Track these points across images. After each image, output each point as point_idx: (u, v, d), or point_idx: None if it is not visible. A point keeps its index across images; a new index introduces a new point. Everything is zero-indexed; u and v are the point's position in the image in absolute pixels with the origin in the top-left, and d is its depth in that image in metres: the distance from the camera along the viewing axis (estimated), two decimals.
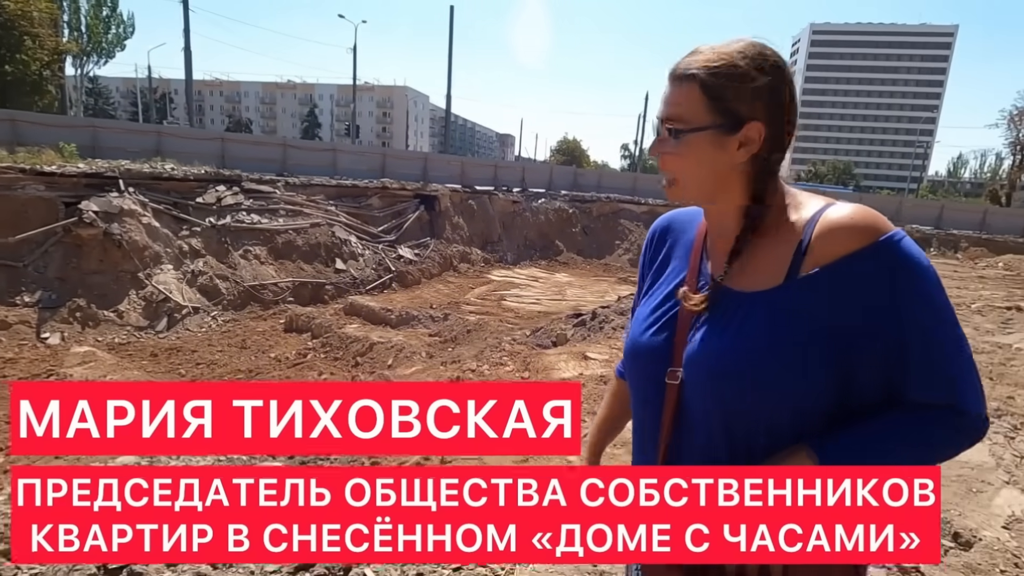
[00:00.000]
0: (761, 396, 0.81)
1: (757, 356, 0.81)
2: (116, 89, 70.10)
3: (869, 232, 0.77)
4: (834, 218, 0.80)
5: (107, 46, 37.95)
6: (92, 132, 13.96)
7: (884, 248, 0.77)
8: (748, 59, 0.82)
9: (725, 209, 0.89)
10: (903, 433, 0.79)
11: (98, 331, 10.10)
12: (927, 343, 0.77)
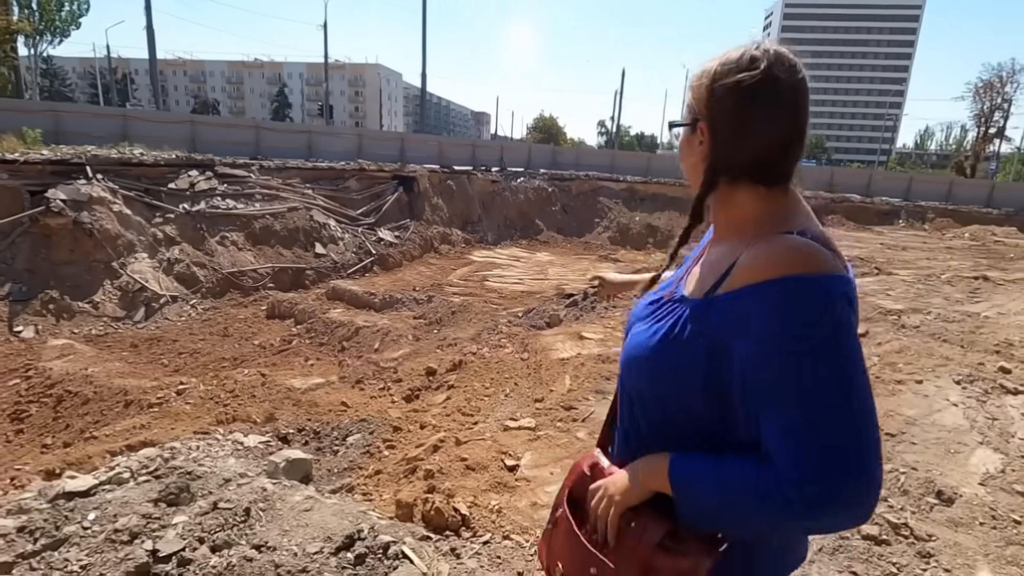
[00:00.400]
0: (640, 382, 0.91)
1: (645, 348, 0.89)
2: (72, 70, 67.01)
3: (776, 267, 0.76)
4: (765, 246, 0.80)
5: (61, 24, 36.12)
6: (54, 116, 13.39)
7: (777, 286, 0.75)
8: (728, 63, 0.84)
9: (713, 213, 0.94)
10: (740, 477, 0.77)
11: (73, 323, 9.87)
12: (775, 397, 0.74)
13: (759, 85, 0.81)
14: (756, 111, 0.82)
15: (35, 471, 4.86)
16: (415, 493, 2.09)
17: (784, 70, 0.82)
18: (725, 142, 0.85)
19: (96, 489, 1.72)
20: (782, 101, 0.82)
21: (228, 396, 6.46)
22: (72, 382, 6.84)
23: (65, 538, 1.49)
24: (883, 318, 5.29)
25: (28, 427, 6.34)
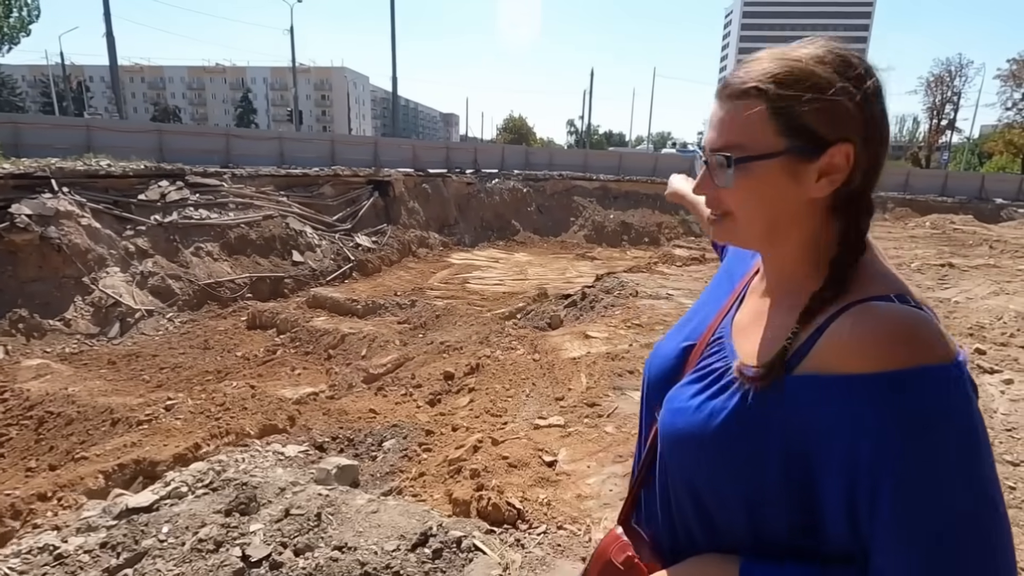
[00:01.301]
0: (696, 469, 0.72)
1: (711, 432, 0.70)
2: (22, 78, 64.49)
3: (895, 356, 0.58)
4: (863, 319, 0.62)
5: (9, 31, 34.73)
6: (12, 128, 12.91)
7: (902, 383, 0.57)
8: (828, 65, 0.64)
9: (785, 255, 0.72)
10: None
11: (44, 342, 9.56)
12: (905, 521, 0.57)
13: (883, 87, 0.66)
14: (888, 120, 0.67)
15: (26, 495, 4.74)
16: (467, 491, 2.17)
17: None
18: (870, 167, 0.66)
19: (158, 504, 1.73)
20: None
21: (219, 410, 6.37)
22: (53, 403, 6.65)
23: (145, 551, 1.51)
24: None
25: (9, 451, 6.14)
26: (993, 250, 12.14)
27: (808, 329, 0.66)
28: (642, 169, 26.39)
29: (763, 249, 0.75)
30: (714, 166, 0.69)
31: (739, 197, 0.69)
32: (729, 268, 0.92)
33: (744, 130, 0.66)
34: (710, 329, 0.82)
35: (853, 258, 0.67)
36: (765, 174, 0.66)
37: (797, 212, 0.68)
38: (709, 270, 9.04)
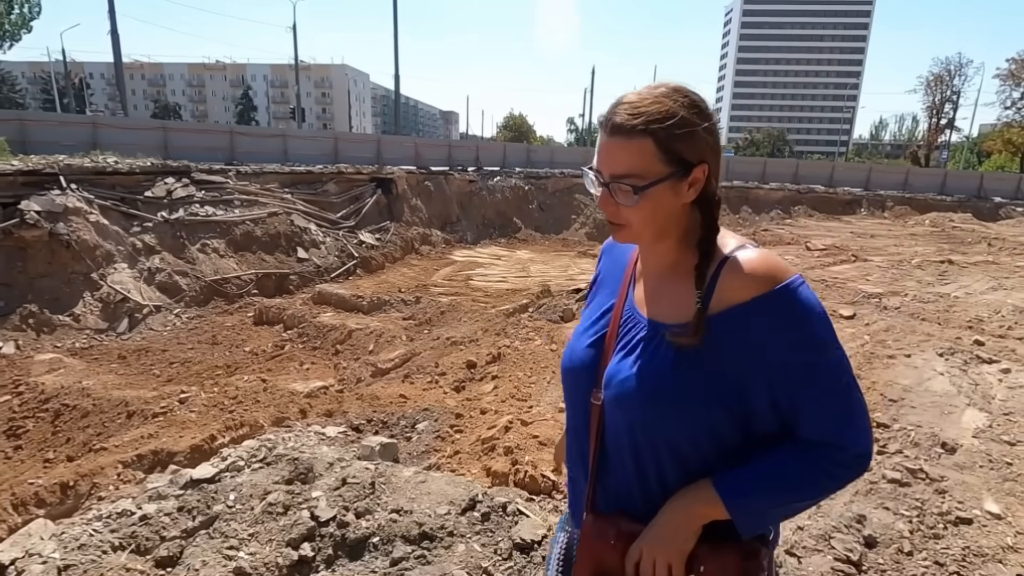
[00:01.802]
0: (661, 422, 0.88)
1: (659, 384, 0.88)
2: (22, 75, 64.36)
3: (768, 280, 0.84)
4: (739, 264, 0.87)
5: (10, 28, 34.74)
6: (19, 125, 12.99)
7: (779, 296, 0.83)
8: (685, 107, 0.86)
9: (668, 245, 0.94)
10: (792, 468, 0.85)
11: (55, 337, 9.66)
12: (814, 387, 0.83)
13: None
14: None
15: (48, 485, 4.86)
16: (503, 466, 2.31)
17: None
18: (716, 172, 0.90)
19: (219, 476, 1.85)
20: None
21: (232, 403, 6.49)
22: (68, 396, 6.76)
23: (216, 515, 1.64)
24: (866, 301, 5.80)
25: (27, 443, 6.25)
26: (992, 247, 12.28)
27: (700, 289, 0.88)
28: None
29: (652, 244, 0.95)
30: (617, 191, 0.88)
31: (639, 213, 0.88)
32: (608, 270, 1.09)
33: (639, 162, 0.86)
34: (616, 314, 0.99)
35: (714, 236, 0.91)
36: (657, 194, 0.87)
37: (677, 215, 0.91)
38: None
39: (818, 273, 8.36)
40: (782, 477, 0.85)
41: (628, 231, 0.91)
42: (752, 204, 24.54)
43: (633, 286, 1.01)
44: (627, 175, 0.86)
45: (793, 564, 2.00)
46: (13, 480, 5.65)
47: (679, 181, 0.87)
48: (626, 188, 0.86)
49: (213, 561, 1.47)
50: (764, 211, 24.04)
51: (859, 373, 3.92)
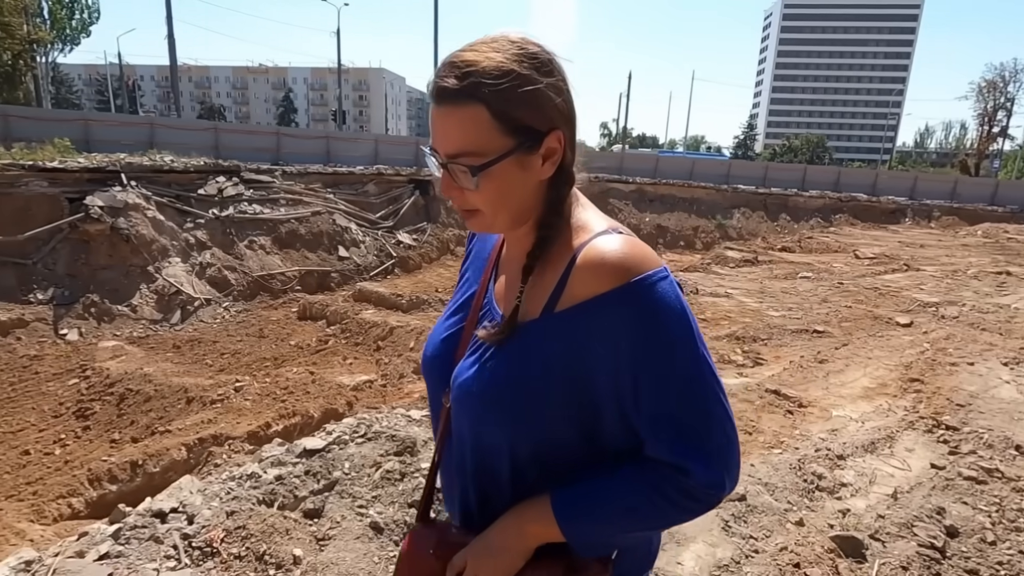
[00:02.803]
0: (496, 426, 0.78)
1: (495, 386, 0.76)
2: (78, 76, 67.52)
3: (622, 272, 0.70)
4: (594, 253, 0.73)
5: (71, 33, 36.62)
6: (83, 125, 13.73)
7: (632, 291, 0.70)
8: (523, 61, 0.71)
9: (528, 228, 0.80)
10: (633, 490, 0.74)
11: (114, 326, 10.17)
12: (660, 397, 0.71)
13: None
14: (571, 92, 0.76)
15: (120, 463, 5.17)
16: None
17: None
18: (571, 140, 0.76)
19: (329, 447, 2.04)
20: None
21: (283, 393, 6.77)
22: (131, 381, 7.15)
23: (336, 480, 1.82)
24: (923, 310, 5.83)
25: (94, 424, 6.64)
26: None
27: (557, 275, 0.75)
28: (679, 172, 26.30)
29: (513, 230, 0.82)
30: (456, 172, 0.73)
31: (485, 196, 0.74)
32: (477, 254, 0.97)
33: (473, 136, 0.70)
34: (475, 306, 0.87)
35: (554, 220, 0.77)
36: (502, 172, 0.72)
37: (532, 194, 0.76)
38: (761, 271, 9.17)
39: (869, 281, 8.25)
40: (622, 499, 0.74)
41: (481, 218, 0.77)
42: (791, 211, 24.10)
43: (495, 275, 0.88)
44: (462, 153, 0.71)
45: (878, 548, 2.07)
46: (84, 458, 6.03)
47: (527, 154, 0.72)
48: (463, 168, 0.71)
49: (350, 516, 1.65)
50: (803, 219, 23.59)
51: (922, 378, 3.96)
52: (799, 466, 2.63)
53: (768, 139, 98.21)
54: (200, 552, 1.58)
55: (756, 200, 24.52)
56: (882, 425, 3.28)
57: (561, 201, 0.77)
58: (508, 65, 0.69)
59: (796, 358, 4.66)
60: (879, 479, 2.59)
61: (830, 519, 2.20)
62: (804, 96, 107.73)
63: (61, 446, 6.25)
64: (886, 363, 4.45)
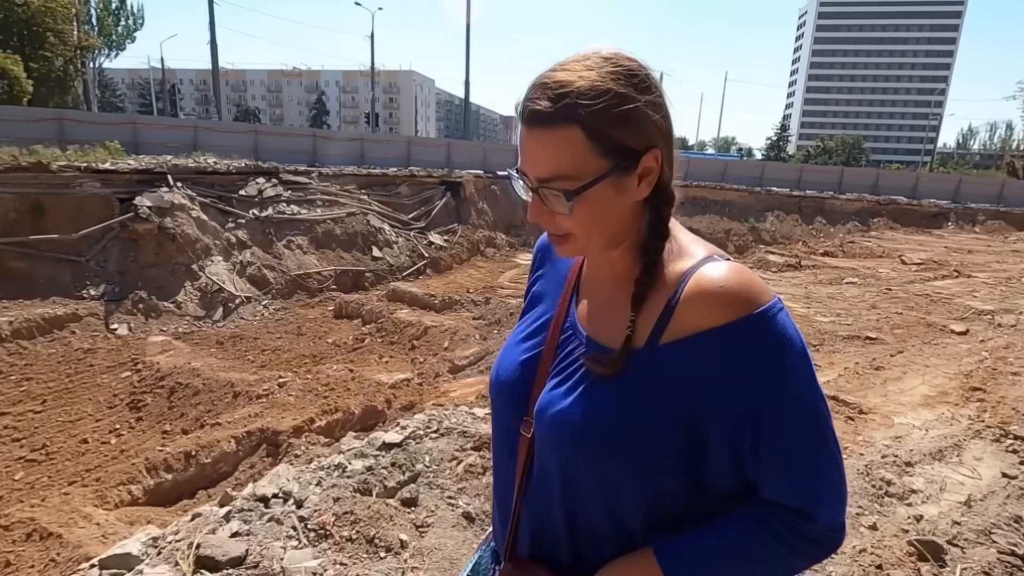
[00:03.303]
0: (597, 468, 0.73)
1: (599, 420, 0.72)
2: (122, 81, 70.03)
3: (740, 305, 0.67)
4: (706, 281, 0.69)
5: (117, 39, 38.07)
6: (132, 128, 14.29)
7: (753, 325, 0.66)
8: (619, 79, 0.69)
9: (620, 250, 0.77)
10: (750, 538, 0.70)
11: (160, 321, 10.56)
12: (783, 438, 0.68)
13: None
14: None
15: (175, 453, 5.39)
16: None
17: None
18: (669, 158, 0.73)
19: (405, 441, 2.15)
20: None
21: (324, 389, 6.96)
22: (181, 375, 7.43)
23: (419, 472, 1.93)
24: (978, 318, 5.66)
25: (146, 415, 6.93)
26: None
27: (660, 303, 0.71)
28: (710, 175, 25.97)
29: (605, 253, 0.77)
30: (548, 197, 0.70)
31: (578, 221, 0.71)
32: (549, 274, 0.93)
33: (568, 159, 0.68)
34: (554, 330, 0.82)
35: (660, 243, 0.74)
36: (597, 195, 0.69)
37: (628, 216, 0.73)
38: (805, 276, 9.03)
39: (919, 287, 8.05)
40: (737, 549, 0.71)
41: (574, 243, 0.74)
42: (827, 215, 23.57)
43: (576, 297, 0.84)
44: (555, 177, 0.69)
45: (957, 553, 2.07)
46: (138, 448, 6.30)
47: (624, 175, 0.69)
48: (557, 192, 0.69)
49: (443, 506, 1.75)
50: (840, 222, 23.04)
51: (984, 387, 3.88)
52: (866, 471, 2.61)
53: (801, 140, 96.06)
54: (315, 534, 1.70)
55: (790, 203, 24.05)
56: (947, 433, 3.22)
57: (664, 222, 0.74)
58: (604, 84, 0.67)
59: (851, 364, 4.59)
60: (949, 487, 2.55)
61: (903, 524, 2.19)
62: (840, 96, 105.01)
63: (116, 436, 6.55)
64: (944, 371, 4.36)
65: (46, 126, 13.44)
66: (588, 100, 0.66)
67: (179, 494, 5.20)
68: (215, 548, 1.71)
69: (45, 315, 9.32)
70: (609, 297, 0.78)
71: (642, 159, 0.69)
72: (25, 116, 13.73)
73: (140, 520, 4.64)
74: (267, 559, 1.71)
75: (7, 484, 5.48)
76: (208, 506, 2.00)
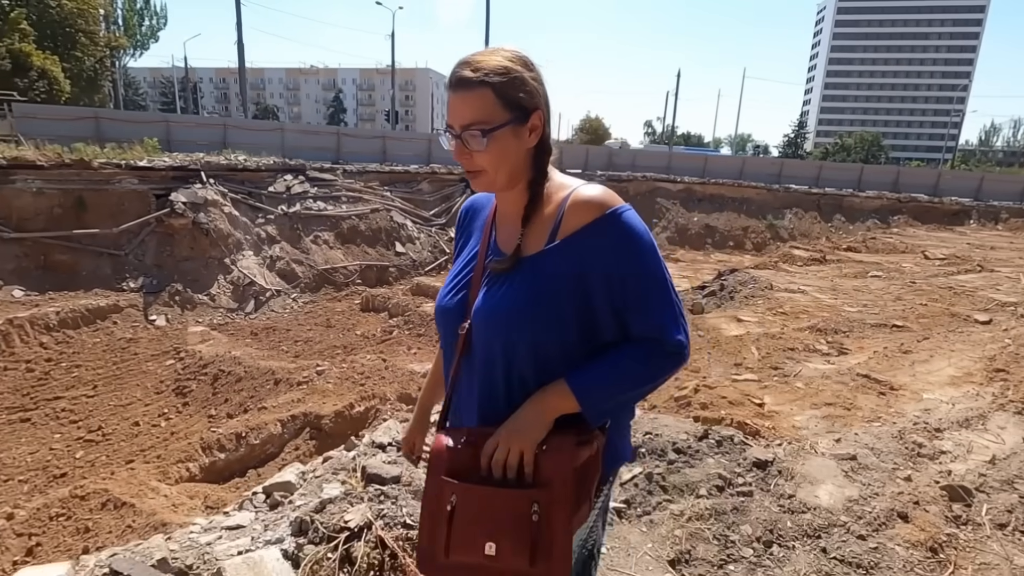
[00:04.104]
0: (525, 333, 0.99)
1: (520, 303, 0.99)
2: (143, 79, 71.19)
3: (601, 207, 0.98)
4: (579, 196, 1.00)
5: (141, 38, 38.79)
6: (165, 126, 14.71)
7: (609, 220, 0.97)
8: (516, 62, 0.99)
9: (519, 189, 1.05)
10: (627, 361, 0.99)
11: (195, 313, 10.95)
12: (638, 293, 0.97)
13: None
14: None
15: (227, 434, 5.71)
16: (712, 414, 2.77)
17: None
18: (547, 121, 1.02)
19: None
20: None
21: (360, 377, 7.23)
22: (223, 363, 7.76)
23: None
24: (1001, 309, 5.87)
25: (191, 400, 7.27)
26: None
27: (552, 217, 1.01)
28: (728, 172, 25.93)
29: (506, 191, 1.05)
30: (467, 138, 0.98)
31: (489, 156, 0.98)
32: (472, 226, 1.21)
33: (482, 111, 0.96)
34: (480, 257, 1.10)
35: (542, 179, 1.04)
36: (502, 137, 0.97)
37: (523, 159, 1.02)
38: (830, 270, 9.18)
39: (943, 281, 8.16)
40: (620, 369, 0.99)
41: (485, 176, 1.01)
42: (846, 212, 23.46)
43: (494, 232, 1.11)
44: (474, 122, 0.96)
45: (984, 497, 2.29)
46: (186, 430, 6.64)
47: (519, 126, 0.98)
48: (475, 132, 0.96)
49: None
50: (859, 220, 22.93)
51: (1007, 369, 4.07)
52: (900, 436, 2.84)
53: (819, 137, 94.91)
54: None
55: (808, 200, 23.96)
56: (973, 406, 3.41)
57: (545, 165, 1.05)
58: (506, 63, 0.97)
59: (880, 349, 4.79)
60: (975, 449, 2.74)
61: (935, 477, 2.41)
62: (859, 92, 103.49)
63: (165, 419, 6.90)
64: (969, 355, 4.55)
65: (84, 124, 13.91)
66: (496, 73, 0.96)
67: (231, 472, 5.50)
68: (378, 469, 2.03)
69: (89, 306, 9.73)
70: (513, 224, 1.06)
71: (531, 116, 0.99)
72: (64, 115, 14.22)
73: (199, 495, 4.96)
74: (417, 481, 2.01)
75: (70, 461, 5.84)
76: (337, 451, 2.30)
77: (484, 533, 0.95)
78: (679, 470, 2.21)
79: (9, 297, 9.42)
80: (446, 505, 0.98)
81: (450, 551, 0.96)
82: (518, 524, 0.94)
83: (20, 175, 10.35)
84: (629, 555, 1.86)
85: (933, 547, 2.01)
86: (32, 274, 10.05)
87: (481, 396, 1.07)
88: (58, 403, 7.01)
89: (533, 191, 1.03)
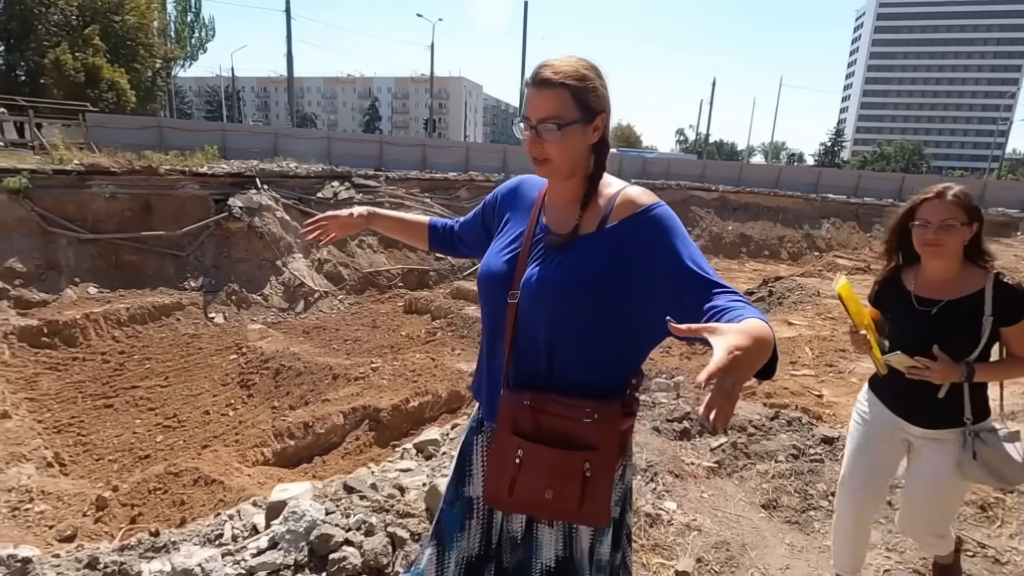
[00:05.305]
0: (573, 304, 1.11)
1: (574, 274, 1.11)
2: (189, 88, 74.04)
3: (643, 203, 1.12)
4: (628, 194, 1.14)
5: (191, 49, 40.44)
6: (221, 135, 15.51)
7: (648, 212, 1.11)
8: (590, 70, 1.12)
9: (576, 180, 1.18)
10: (745, 305, 0.99)
11: (250, 312, 11.55)
12: (685, 264, 1.05)
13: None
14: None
15: (295, 423, 6.14)
16: (778, 400, 3.06)
17: None
18: (608, 124, 1.16)
19: None
20: None
21: (412, 375, 7.62)
22: (283, 358, 8.25)
23: None
24: None
25: (255, 392, 7.76)
26: None
27: (602, 208, 1.14)
28: (764, 181, 25.76)
29: (564, 179, 1.17)
30: (542, 130, 1.10)
31: (559, 148, 1.11)
32: (516, 206, 1.32)
33: (559, 108, 1.09)
34: (528, 236, 1.21)
35: (601, 172, 1.18)
36: (572, 132, 1.10)
37: (584, 154, 1.15)
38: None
39: None
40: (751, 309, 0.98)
41: (550, 165, 1.13)
42: (885, 223, 23.09)
43: (542, 214, 1.23)
44: (551, 117, 1.09)
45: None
46: (253, 420, 7.10)
47: (586, 124, 1.11)
48: (551, 126, 1.09)
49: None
50: None
51: None
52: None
53: (856, 146, 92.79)
54: None
55: (847, 210, 23.64)
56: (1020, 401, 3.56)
57: (603, 161, 1.19)
58: (583, 71, 1.12)
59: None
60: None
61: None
62: (899, 100, 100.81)
63: (232, 409, 7.39)
64: None
65: (148, 133, 14.79)
66: (574, 77, 1.11)
67: (299, 459, 5.92)
68: None
69: (155, 303, 10.40)
70: (564, 210, 1.20)
71: (596, 118, 1.13)
72: (131, 124, 15.15)
73: (273, 477, 5.38)
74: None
75: (152, 444, 6.35)
76: (405, 445, 2.64)
77: (544, 482, 1.12)
78: (758, 441, 2.52)
79: (85, 294, 10.14)
80: (514, 458, 1.14)
81: (514, 492, 1.14)
82: (572, 477, 1.11)
83: (96, 180, 11.13)
84: (727, 500, 2.19)
85: (983, 506, 2.27)
86: (104, 273, 10.78)
87: (523, 360, 1.18)
88: (135, 392, 7.57)
89: (592, 181, 1.17)
